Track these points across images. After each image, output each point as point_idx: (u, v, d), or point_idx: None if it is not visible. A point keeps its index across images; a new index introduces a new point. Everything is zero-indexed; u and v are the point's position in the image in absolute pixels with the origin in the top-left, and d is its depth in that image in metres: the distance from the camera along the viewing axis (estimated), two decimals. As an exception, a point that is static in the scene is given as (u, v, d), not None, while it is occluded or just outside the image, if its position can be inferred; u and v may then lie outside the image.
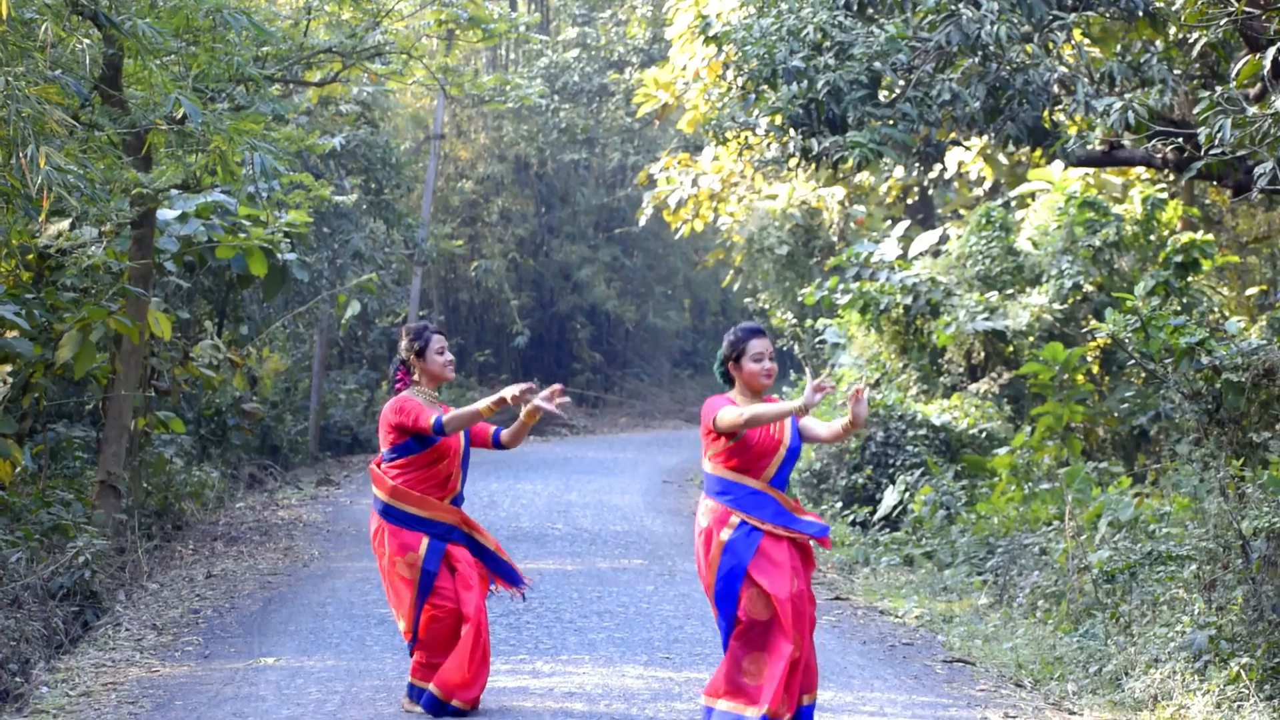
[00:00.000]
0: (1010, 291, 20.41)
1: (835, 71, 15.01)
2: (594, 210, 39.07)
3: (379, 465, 9.52)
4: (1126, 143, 15.74)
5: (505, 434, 9.48)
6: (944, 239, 24.27)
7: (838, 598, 14.45)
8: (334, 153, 24.90)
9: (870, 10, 15.47)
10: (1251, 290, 22.77)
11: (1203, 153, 11.21)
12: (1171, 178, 20.07)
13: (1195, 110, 11.04)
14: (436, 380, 9.51)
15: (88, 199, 11.41)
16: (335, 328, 26.99)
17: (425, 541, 9.35)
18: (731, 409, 8.42)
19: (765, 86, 15.38)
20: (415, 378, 9.53)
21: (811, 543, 8.63)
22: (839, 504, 18.53)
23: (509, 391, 9.10)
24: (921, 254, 23.44)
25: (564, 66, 38.62)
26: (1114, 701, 10.03)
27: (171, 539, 16.16)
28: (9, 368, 13.49)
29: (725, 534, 8.44)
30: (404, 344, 9.54)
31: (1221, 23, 12.10)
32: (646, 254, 40.42)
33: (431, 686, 9.27)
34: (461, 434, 9.47)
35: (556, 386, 9.17)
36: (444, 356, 9.53)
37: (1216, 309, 18.94)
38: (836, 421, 8.62)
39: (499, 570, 9.60)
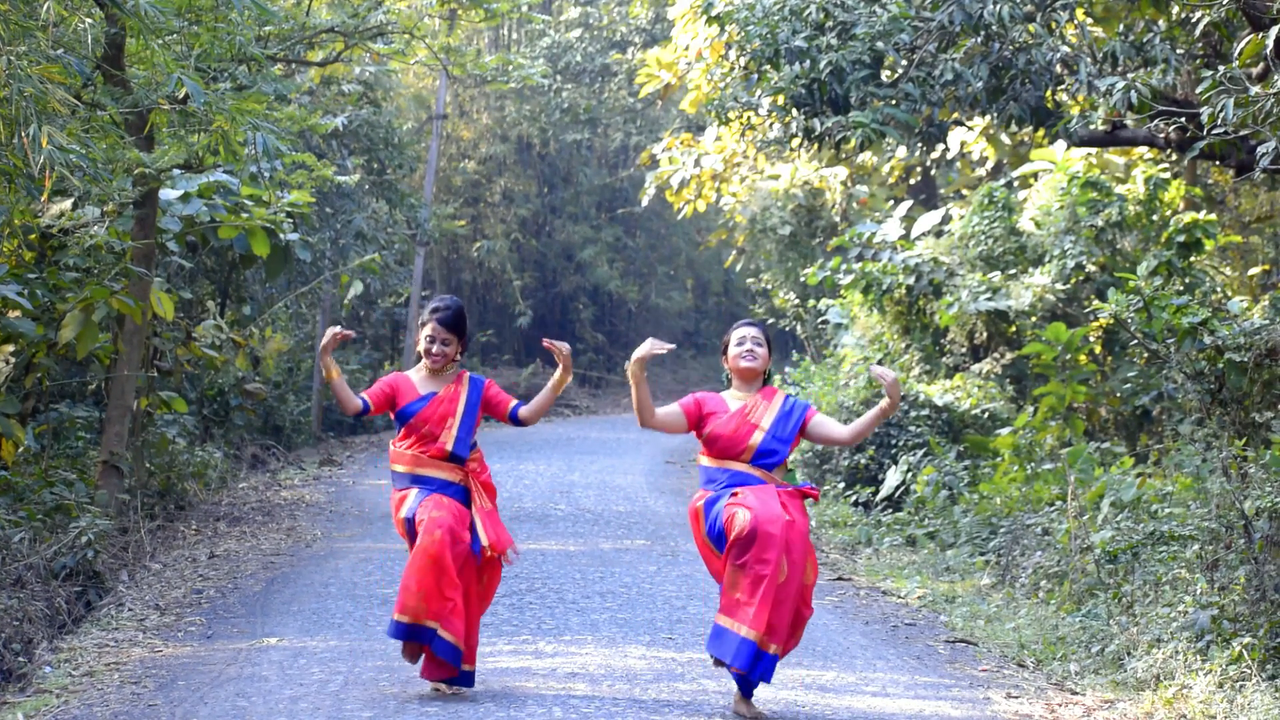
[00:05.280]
0: (1013, 272, 20.39)
1: (838, 51, 15.00)
2: (596, 190, 39.06)
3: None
4: (1129, 122, 15.72)
5: (524, 410, 9.38)
6: (946, 219, 24.24)
7: (840, 578, 14.46)
8: (336, 133, 24.87)
9: (873, -11, 15.46)
10: (1254, 270, 22.73)
11: (1205, 132, 11.19)
12: (1174, 157, 20.04)
13: (1198, 90, 11.02)
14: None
15: (90, 179, 11.40)
16: (338, 308, 26.98)
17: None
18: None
19: (768, 66, 15.37)
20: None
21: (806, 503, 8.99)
22: (841, 484, 18.54)
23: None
24: (924, 234, 23.42)
25: (566, 46, 38.59)
26: (1116, 681, 10.04)
27: (174, 519, 16.16)
28: (11, 348, 13.49)
29: (701, 500, 8.91)
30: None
31: (1224, 2, 12.09)
32: (649, 234, 40.41)
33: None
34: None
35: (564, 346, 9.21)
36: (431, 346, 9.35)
37: (1219, 289, 18.90)
38: (863, 419, 8.94)
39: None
